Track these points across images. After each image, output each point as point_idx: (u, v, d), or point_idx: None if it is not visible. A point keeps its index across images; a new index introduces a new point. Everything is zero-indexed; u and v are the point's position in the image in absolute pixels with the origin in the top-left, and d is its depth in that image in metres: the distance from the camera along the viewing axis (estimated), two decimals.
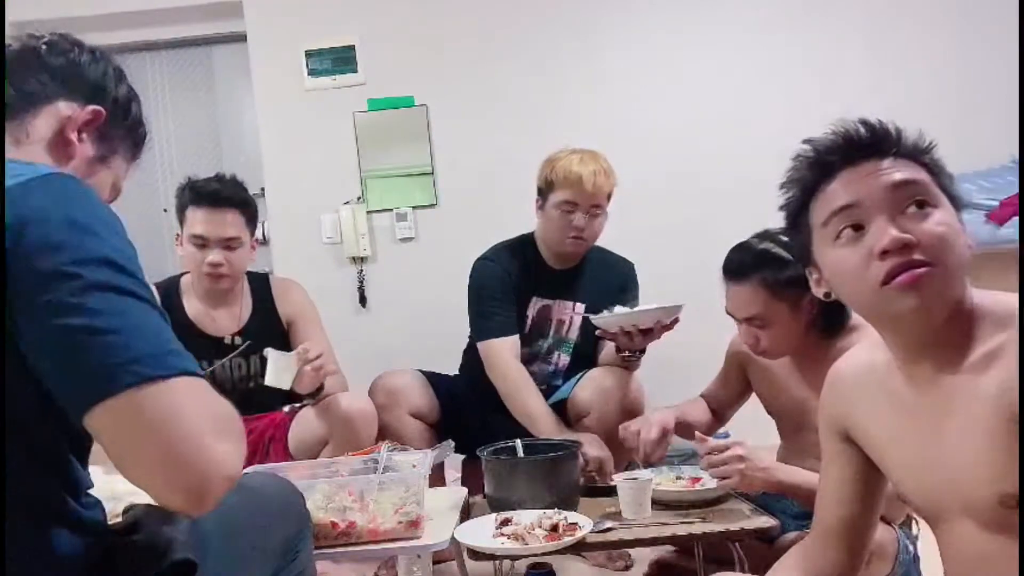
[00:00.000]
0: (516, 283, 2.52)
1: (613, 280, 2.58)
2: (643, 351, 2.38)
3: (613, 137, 3.56)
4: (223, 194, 2.31)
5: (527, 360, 2.53)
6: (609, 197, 2.50)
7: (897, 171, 1.07)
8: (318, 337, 2.41)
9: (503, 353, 2.45)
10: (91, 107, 1.07)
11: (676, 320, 2.27)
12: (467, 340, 2.67)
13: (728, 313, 1.85)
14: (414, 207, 3.63)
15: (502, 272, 2.53)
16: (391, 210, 3.63)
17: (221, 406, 0.88)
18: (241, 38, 3.70)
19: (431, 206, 3.62)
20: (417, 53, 3.59)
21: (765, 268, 1.75)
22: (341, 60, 3.61)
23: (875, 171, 1.07)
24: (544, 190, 2.50)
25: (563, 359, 2.58)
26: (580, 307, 2.55)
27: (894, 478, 1.13)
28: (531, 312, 2.55)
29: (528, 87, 3.58)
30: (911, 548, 1.63)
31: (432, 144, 3.60)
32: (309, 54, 3.61)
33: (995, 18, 3.38)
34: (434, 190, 3.61)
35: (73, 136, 1.06)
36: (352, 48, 3.61)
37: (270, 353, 2.19)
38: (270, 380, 2.18)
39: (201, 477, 0.81)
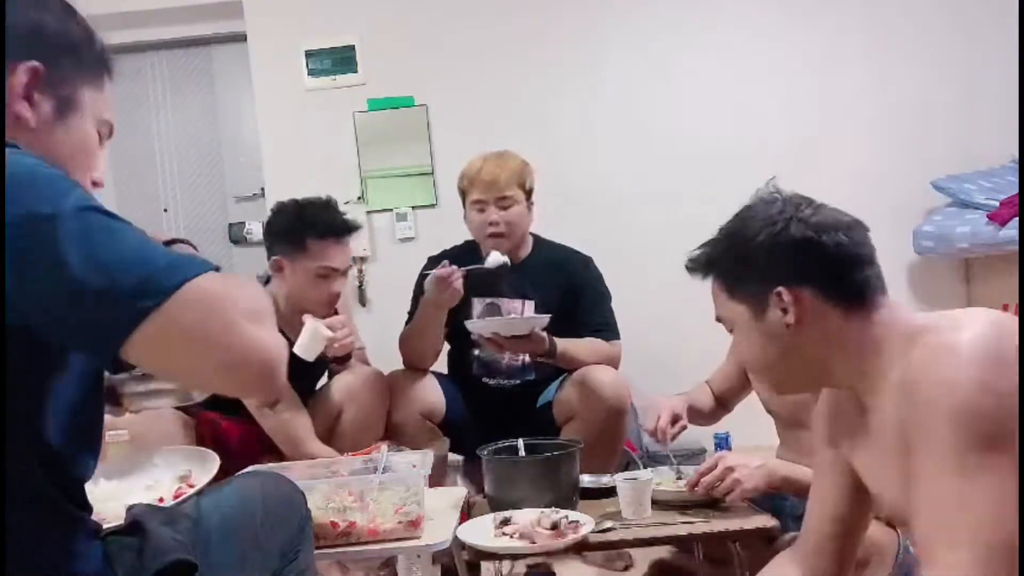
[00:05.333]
0: None
1: (561, 277, 2.58)
2: (549, 354, 2.41)
3: (612, 137, 3.57)
4: (348, 225, 2.35)
5: (496, 356, 2.56)
6: (524, 188, 2.54)
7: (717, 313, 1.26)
8: (345, 318, 2.44)
9: (401, 336, 2.57)
10: (25, 65, 0.92)
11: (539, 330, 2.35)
12: (448, 344, 2.67)
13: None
14: (414, 207, 3.63)
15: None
16: (391, 210, 3.63)
17: (247, 295, 0.87)
18: (241, 38, 3.70)
19: (431, 206, 3.62)
20: (417, 53, 3.59)
21: None
22: (341, 60, 3.61)
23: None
24: (463, 200, 2.60)
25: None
26: (529, 304, 2.54)
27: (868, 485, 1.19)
28: (476, 312, 2.55)
29: (528, 87, 3.58)
30: (911, 549, 1.63)
31: (432, 144, 3.60)
32: (309, 54, 3.61)
33: (995, 18, 3.38)
34: (434, 190, 3.61)
35: (21, 107, 0.93)
36: (352, 48, 3.61)
37: (307, 320, 2.17)
38: (299, 350, 2.15)
39: (254, 362, 0.83)
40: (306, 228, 2.30)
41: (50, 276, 0.79)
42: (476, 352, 2.59)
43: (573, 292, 2.54)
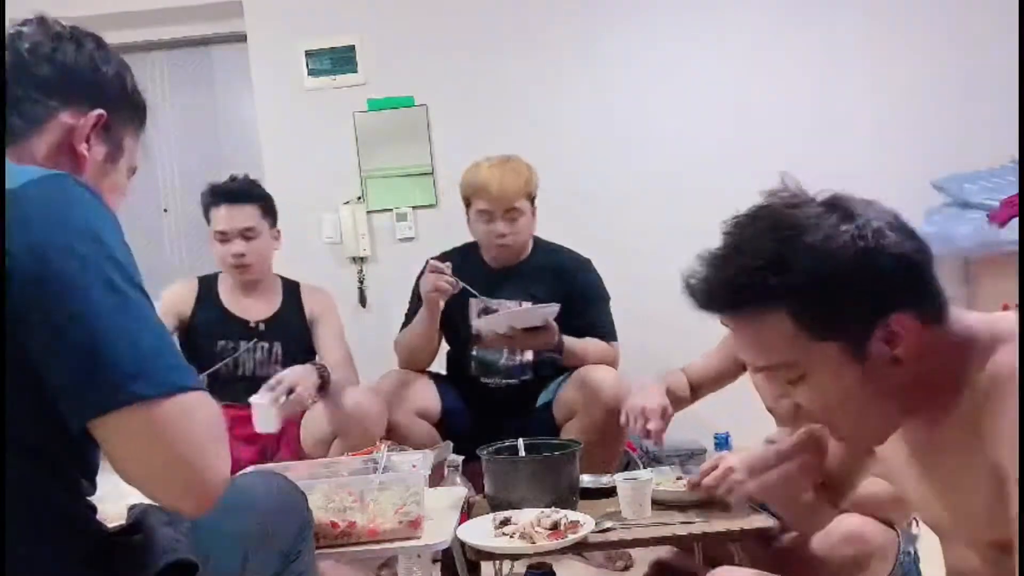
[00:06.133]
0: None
1: (560, 279, 2.59)
2: (558, 349, 2.44)
3: (612, 137, 3.57)
4: (237, 190, 2.54)
5: (494, 356, 2.58)
6: (530, 197, 2.56)
7: (756, 357, 1.03)
8: (333, 345, 2.56)
9: (398, 338, 2.63)
10: (93, 113, 1.05)
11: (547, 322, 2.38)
12: (447, 344, 2.68)
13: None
14: (414, 207, 3.63)
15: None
16: (391, 210, 3.63)
17: (214, 413, 0.90)
18: (241, 38, 3.70)
19: (431, 206, 3.62)
20: (417, 53, 3.59)
21: None
22: (341, 60, 3.61)
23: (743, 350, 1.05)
24: (465, 204, 2.61)
25: (527, 353, 2.58)
26: (527, 305, 2.54)
27: (902, 491, 1.13)
28: (473, 313, 2.57)
29: (528, 87, 3.58)
30: (911, 550, 1.64)
31: (432, 144, 3.60)
32: (309, 54, 3.61)
33: (995, 18, 3.38)
34: (434, 190, 3.60)
35: (83, 148, 1.04)
36: (352, 48, 3.61)
37: (253, 400, 2.20)
38: (259, 427, 2.19)
39: (203, 484, 0.86)
40: (207, 199, 2.56)
41: (72, 323, 0.82)
42: (474, 352, 2.60)
43: (572, 294, 2.55)
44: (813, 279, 0.92)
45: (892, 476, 1.14)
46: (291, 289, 2.67)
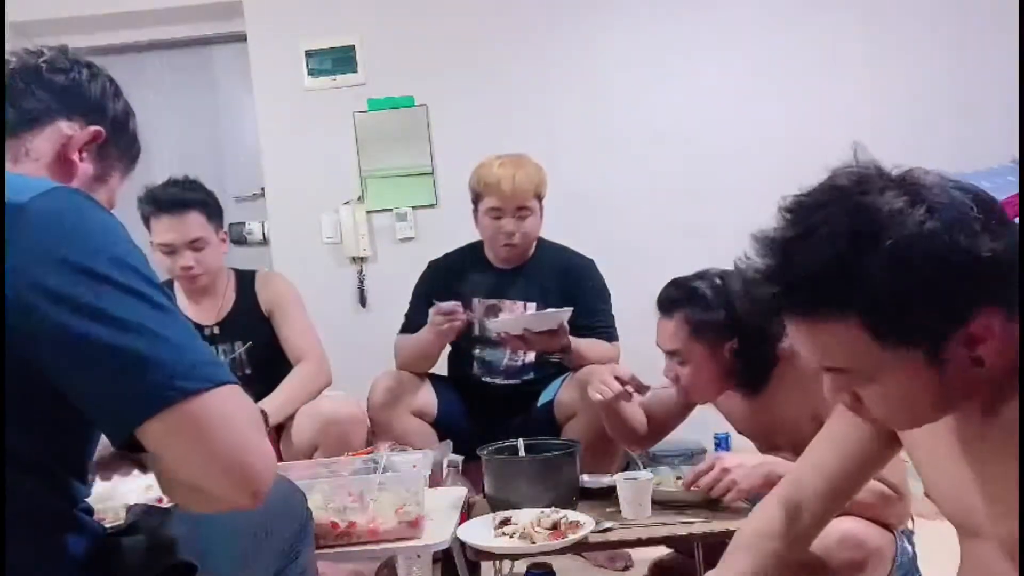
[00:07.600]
0: (452, 288, 2.58)
1: (563, 279, 2.61)
2: (565, 350, 2.44)
3: (613, 137, 3.57)
4: (180, 197, 2.32)
5: (496, 355, 2.59)
6: (539, 197, 2.58)
7: (818, 358, 0.95)
8: (297, 320, 2.46)
9: (399, 343, 2.61)
10: (92, 127, 1.08)
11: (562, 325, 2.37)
12: (450, 345, 2.68)
13: (656, 344, 1.87)
14: (414, 207, 3.63)
15: (431, 280, 2.66)
16: (391, 210, 3.63)
17: (250, 405, 0.91)
18: (241, 38, 3.70)
19: (431, 206, 3.62)
20: (417, 53, 3.59)
21: (690, 306, 1.79)
22: (341, 60, 3.61)
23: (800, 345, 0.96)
24: (474, 200, 2.60)
25: (529, 353, 2.58)
26: (531, 306, 2.57)
27: (927, 481, 1.10)
28: (477, 312, 2.58)
29: (529, 87, 3.58)
30: (909, 549, 1.63)
31: (432, 144, 3.60)
32: (309, 54, 3.61)
33: (995, 18, 3.38)
34: (434, 190, 3.61)
35: (75, 156, 1.06)
36: (352, 48, 3.61)
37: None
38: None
39: (254, 473, 0.86)
40: (146, 208, 2.33)
41: (99, 335, 0.81)
42: (477, 351, 2.60)
43: (576, 294, 2.55)
44: (892, 286, 0.84)
45: (921, 461, 1.09)
46: (246, 284, 2.49)
